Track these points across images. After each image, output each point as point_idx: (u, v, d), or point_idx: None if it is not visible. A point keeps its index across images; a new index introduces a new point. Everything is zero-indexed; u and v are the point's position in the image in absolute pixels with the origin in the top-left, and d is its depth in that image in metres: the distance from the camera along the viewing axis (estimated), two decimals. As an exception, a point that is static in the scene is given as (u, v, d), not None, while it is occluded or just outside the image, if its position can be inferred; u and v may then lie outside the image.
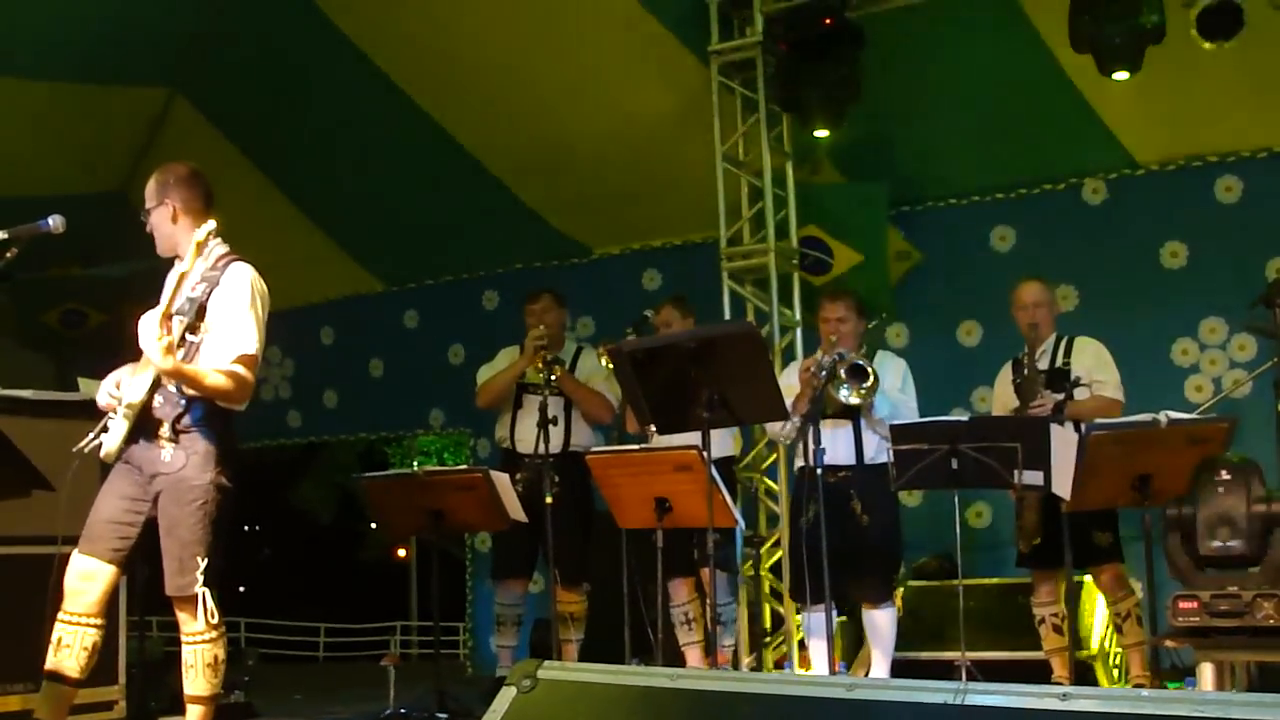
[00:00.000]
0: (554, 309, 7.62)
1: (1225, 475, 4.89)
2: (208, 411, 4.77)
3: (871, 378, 6.30)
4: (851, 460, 6.64)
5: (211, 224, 4.73)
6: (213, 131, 9.92)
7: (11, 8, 8.10)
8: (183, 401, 4.72)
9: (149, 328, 4.54)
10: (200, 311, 4.73)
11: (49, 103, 9.06)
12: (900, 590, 6.76)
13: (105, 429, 4.81)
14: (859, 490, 6.54)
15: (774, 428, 6.97)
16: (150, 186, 4.94)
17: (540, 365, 7.18)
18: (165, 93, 9.89)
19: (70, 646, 4.70)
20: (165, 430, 4.71)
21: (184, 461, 4.71)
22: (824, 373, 6.33)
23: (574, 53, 8.74)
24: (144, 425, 4.75)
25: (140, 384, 4.73)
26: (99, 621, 4.75)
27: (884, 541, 6.63)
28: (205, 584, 4.72)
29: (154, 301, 4.85)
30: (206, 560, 4.72)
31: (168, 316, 4.59)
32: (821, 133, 8.05)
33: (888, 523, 6.65)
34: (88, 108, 9.34)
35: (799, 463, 6.61)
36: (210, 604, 4.75)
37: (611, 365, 6.46)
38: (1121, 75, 7.18)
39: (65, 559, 4.74)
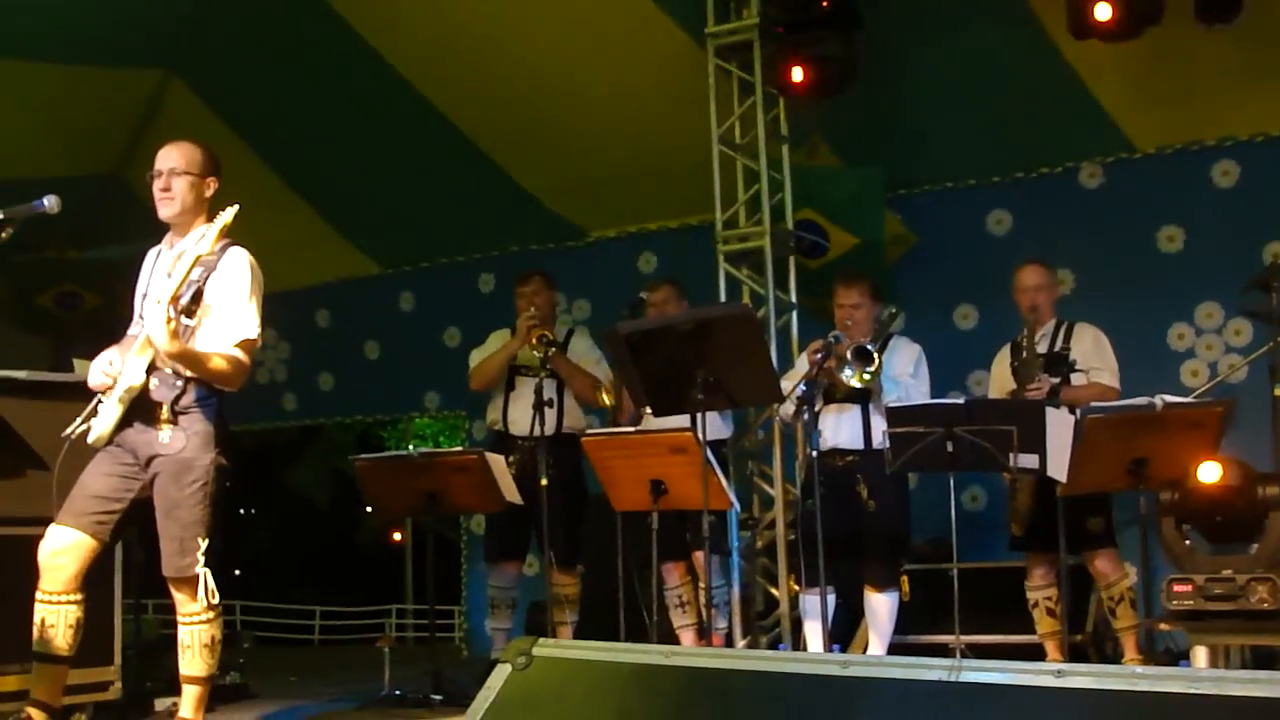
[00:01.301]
0: (545, 290, 7.61)
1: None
2: (205, 392, 4.77)
3: (875, 361, 6.30)
4: (859, 445, 6.64)
5: (236, 207, 4.71)
6: (208, 114, 9.89)
7: (6, -10, 8.09)
8: (180, 383, 4.73)
9: (158, 312, 4.54)
10: (197, 295, 4.73)
11: (44, 84, 9.04)
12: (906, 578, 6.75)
13: (95, 412, 4.81)
14: (866, 475, 6.54)
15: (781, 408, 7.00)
16: (195, 154, 4.92)
17: (534, 344, 7.17)
18: (160, 74, 9.85)
19: (55, 625, 4.71)
20: (164, 412, 4.71)
21: (184, 443, 4.71)
22: (819, 355, 6.33)
23: (570, 35, 8.72)
24: (140, 408, 4.75)
25: (136, 367, 4.72)
26: (78, 597, 4.75)
27: (890, 526, 6.63)
28: (205, 564, 4.74)
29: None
30: (207, 541, 4.74)
31: (175, 300, 4.59)
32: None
33: (895, 508, 6.65)
34: (83, 89, 9.31)
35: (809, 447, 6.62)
36: (210, 584, 4.76)
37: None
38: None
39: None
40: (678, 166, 8.81)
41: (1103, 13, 7.08)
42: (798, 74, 7.87)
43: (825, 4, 7.77)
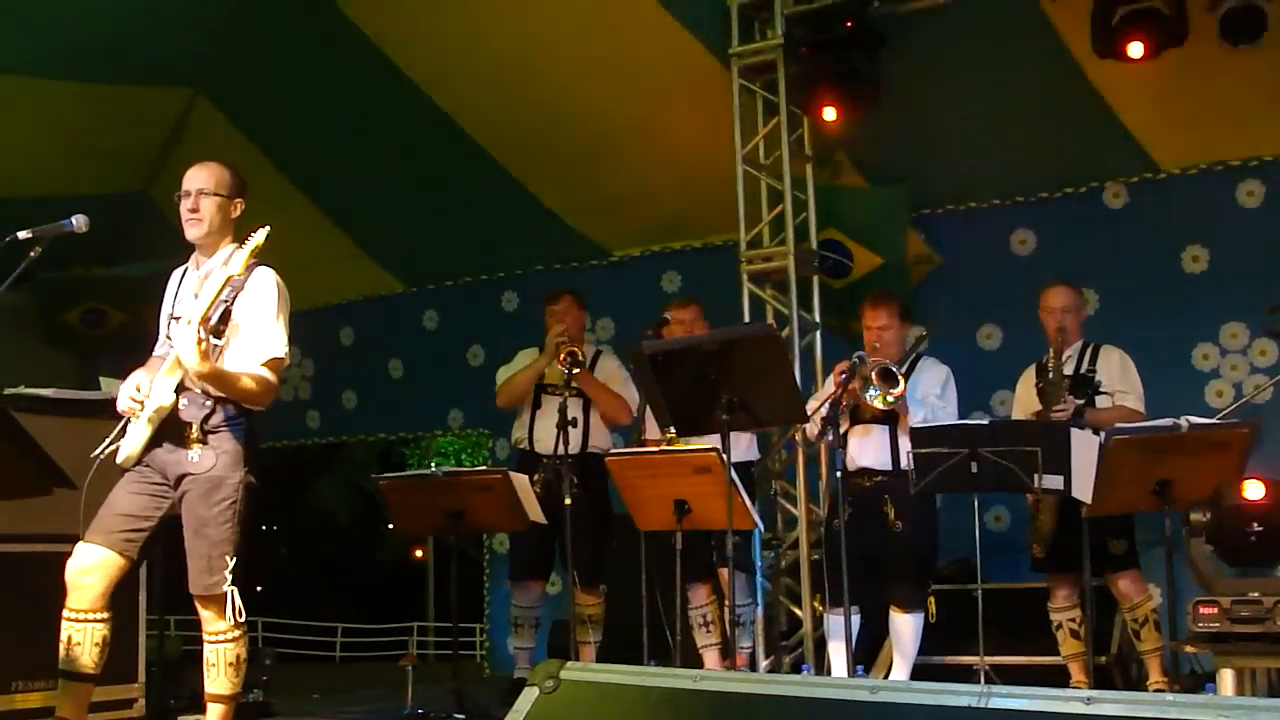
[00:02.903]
0: (574, 309, 7.61)
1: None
2: (235, 411, 4.80)
3: (901, 384, 6.29)
4: (887, 465, 6.62)
5: (268, 229, 4.73)
6: (235, 133, 9.94)
7: (34, 8, 8.13)
8: (209, 403, 4.76)
9: (188, 333, 4.57)
10: (225, 315, 4.76)
11: (72, 103, 9.09)
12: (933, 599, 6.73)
13: (123, 433, 4.84)
14: (893, 495, 6.53)
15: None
16: (223, 175, 4.96)
17: (562, 363, 7.16)
18: (188, 94, 9.91)
19: (81, 644, 4.73)
20: (194, 432, 4.74)
21: (214, 461, 4.74)
22: (844, 376, 6.33)
23: (595, 55, 8.74)
24: (169, 428, 4.78)
25: (166, 388, 4.75)
26: (105, 615, 4.78)
27: (917, 547, 6.61)
28: (232, 583, 4.75)
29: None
30: (235, 559, 4.75)
31: (205, 320, 4.61)
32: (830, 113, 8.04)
33: (923, 529, 6.62)
34: (110, 108, 9.37)
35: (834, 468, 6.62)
36: (238, 602, 4.78)
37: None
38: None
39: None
40: (702, 186, 8.82)
41: (1135, 50, 7.11)
42: (829, 113, 7.90)
43: (849, 24, 7.77)
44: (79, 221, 4.76)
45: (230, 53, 9.42)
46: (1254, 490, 5.26)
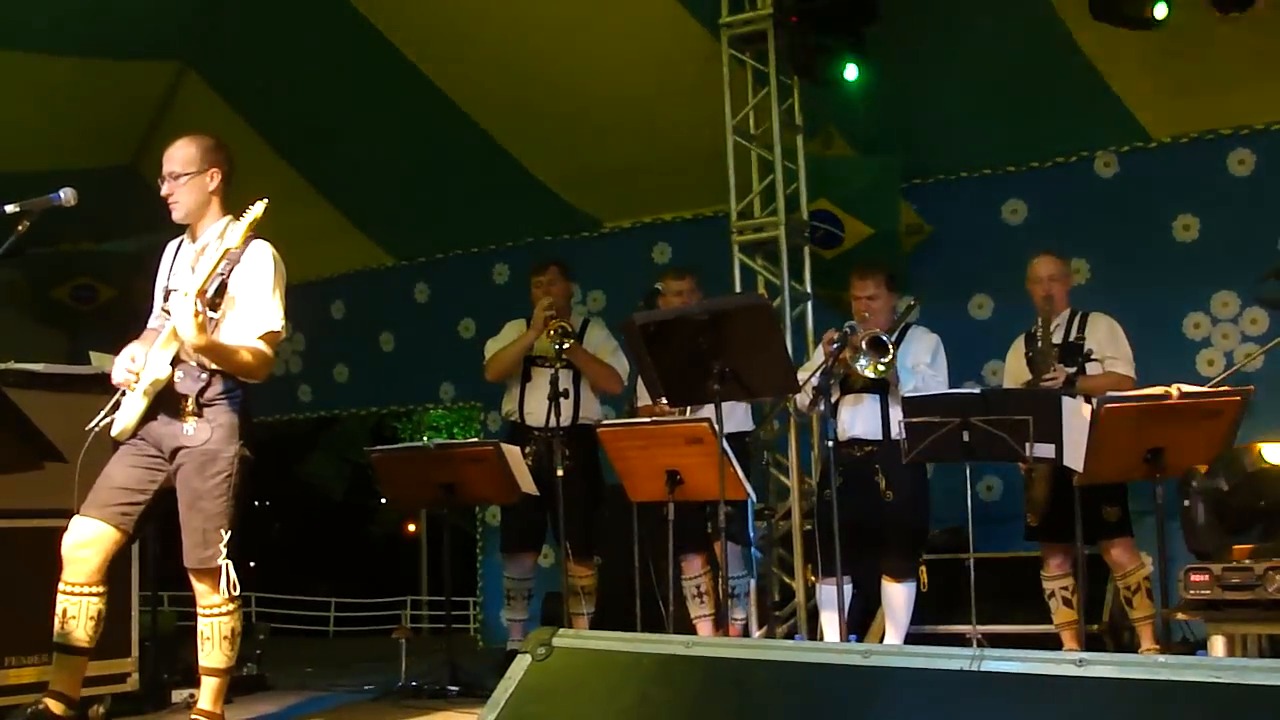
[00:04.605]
0: (561, 280, 7.59)
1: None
2: (230, 385, 4.80)
3: (890, 352, 6.29)
4: (877, 435, 6.63)
5: (266, 201, 4.71)
6: (223, 106, 9.90)
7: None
8: (204, 376, 4.75)
9: (185, 305, 4.55)
10: (221, 288, 4.75)
11: (60, 77, 9.05)
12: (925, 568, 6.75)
13: (117, 406, 4.83)
14: (884, 465, 6.54)
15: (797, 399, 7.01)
16: (188, 151, 4.91)
17: (552, 336, 7.15)
18: (175, 67, 9.87)
19: (76, 617, 4.74)
20: (189, 405, 4.73)
21: (209, 434, 4.74)
22: (834, 345, 6.33)
23: (584, 26, 8.71)
24: (165, 401, 4.77)
25: (162, 360, 4.74)
26: (101, 589, 4.78)
27: (908, 517, 6.62)
28: (227, 556, 4.75)
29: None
30: (229, 532, 4.75)
31: (202, 293, 4.60)
32: (851, 72, 8.02)
33: (913, 498, 6.64)
34: (98, 82, 9.33)
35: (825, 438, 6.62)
36: (232, 576, 4.78)
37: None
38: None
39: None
40: (692, 157, 8.80)
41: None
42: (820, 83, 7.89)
43: (840, -8, 7.76)
44: (67, 195, 4.74)
45: (218, 26, 9.38)
46: (1273, 454, 5.23)
